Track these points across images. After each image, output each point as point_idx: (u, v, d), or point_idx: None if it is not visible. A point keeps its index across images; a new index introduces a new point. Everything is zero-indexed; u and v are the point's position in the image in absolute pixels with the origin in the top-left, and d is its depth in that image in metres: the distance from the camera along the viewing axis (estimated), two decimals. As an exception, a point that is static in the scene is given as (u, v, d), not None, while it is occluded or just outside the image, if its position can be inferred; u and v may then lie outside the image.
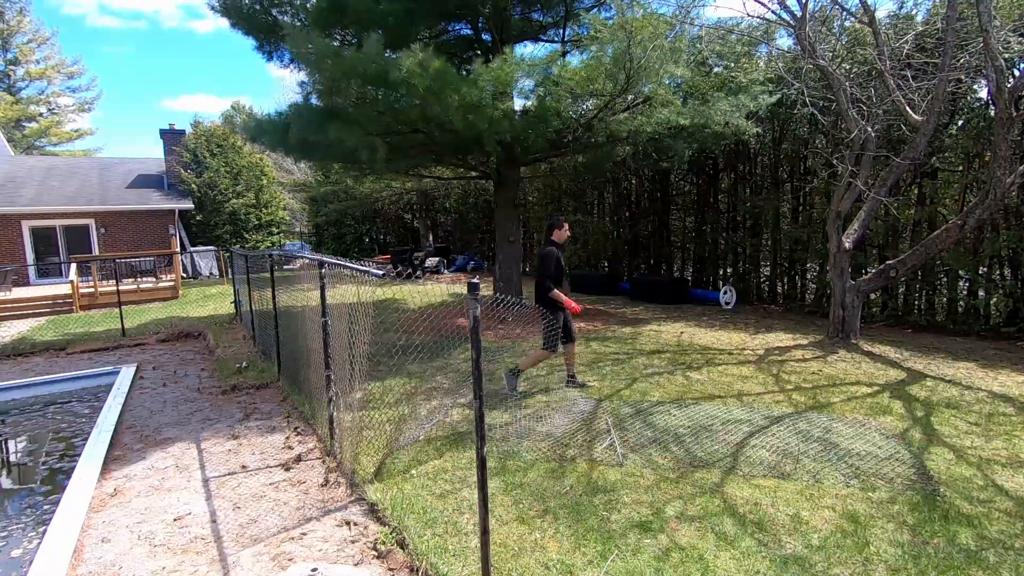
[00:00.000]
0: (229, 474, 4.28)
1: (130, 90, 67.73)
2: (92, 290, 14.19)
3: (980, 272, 8.03)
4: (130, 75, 70.57)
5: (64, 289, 14.31)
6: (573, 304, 5.38)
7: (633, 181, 14.17)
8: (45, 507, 4.08)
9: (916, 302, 8.89)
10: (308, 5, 8.79)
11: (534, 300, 5.54)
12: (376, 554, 3.10)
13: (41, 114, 33.76)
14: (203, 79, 79.05)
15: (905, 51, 7.36)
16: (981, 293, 8.07)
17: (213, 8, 9.04)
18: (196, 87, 77.91)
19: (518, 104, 8.31)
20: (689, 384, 5.80)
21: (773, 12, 7.21)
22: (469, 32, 10.15)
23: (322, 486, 3.98)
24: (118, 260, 14.44)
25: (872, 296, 8.79)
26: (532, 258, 18.10)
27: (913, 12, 9.08)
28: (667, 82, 8.23)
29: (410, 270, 17.24)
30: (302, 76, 9.60)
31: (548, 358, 5.69)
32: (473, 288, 2.39)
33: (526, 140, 8.35)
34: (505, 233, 10.35)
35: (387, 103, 7.38)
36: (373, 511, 3.54)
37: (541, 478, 3.82)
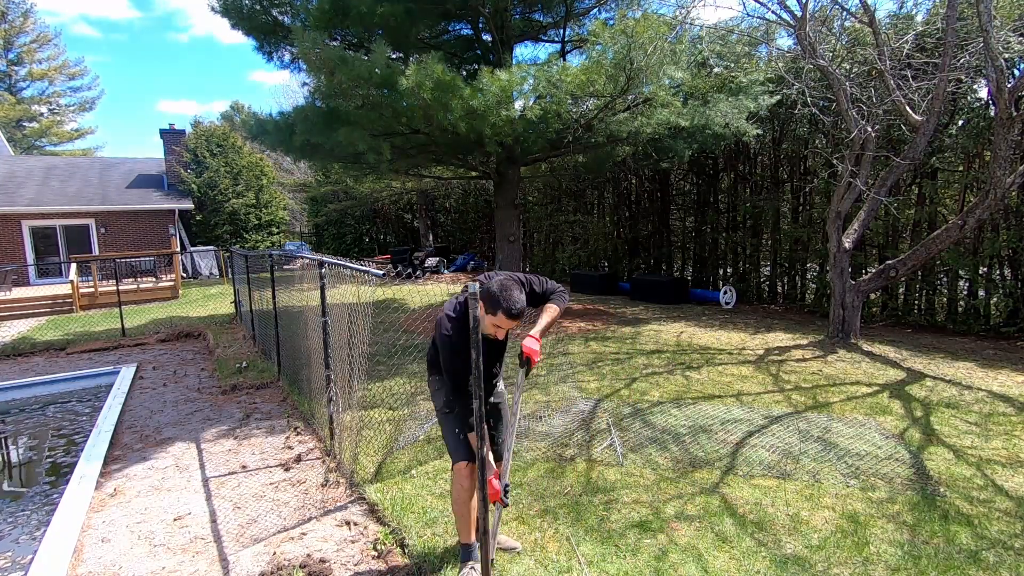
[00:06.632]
0: (229, 474, 4.28)
1: (115, 96, 68.38)
2: (92, 290, 14.20)
3: (980, 272, 8.03)
4: (114, 82, 71.03)
5: (64, 289, 14.32)
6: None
7: (633, 181, 14.18)
8: (45, 507, 4.09)
9: (916, 302, 8.88)
10: (309, 6, 8.79)
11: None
12: (376, 554, 3.11)
13: (42, 114, 33.77)
14: (185, 85, 79.95)
15: (905, 51, 7.35)
16: (981, 293, 8.07)
17: (213, 9, 9.03)
18: (178, 93, 78.92)
19: (519, 104, 8.33)
20: (689, 384, 5.80)
21: (773, 12, 7.21)
22: (469, 32, 10.16)
23: (322, 486, 3.98)
24: (118, 260, 14.44)
25: (872, 296, 8.79)
26: (532, 257, 17.97)
27: (913, 12, 9.09)
28: (667, 83, 8.24)
29: (410, 270, 17.24)
30: (303, 77, 9.61)
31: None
32: (472, 290, 2.39)
33: (527, 141, 8.36)
34: (505, 233, 10.36)
35: (391, 107, 7.40)
36: (373, 511, 3.54)
37: (541, 478, 3.83)
